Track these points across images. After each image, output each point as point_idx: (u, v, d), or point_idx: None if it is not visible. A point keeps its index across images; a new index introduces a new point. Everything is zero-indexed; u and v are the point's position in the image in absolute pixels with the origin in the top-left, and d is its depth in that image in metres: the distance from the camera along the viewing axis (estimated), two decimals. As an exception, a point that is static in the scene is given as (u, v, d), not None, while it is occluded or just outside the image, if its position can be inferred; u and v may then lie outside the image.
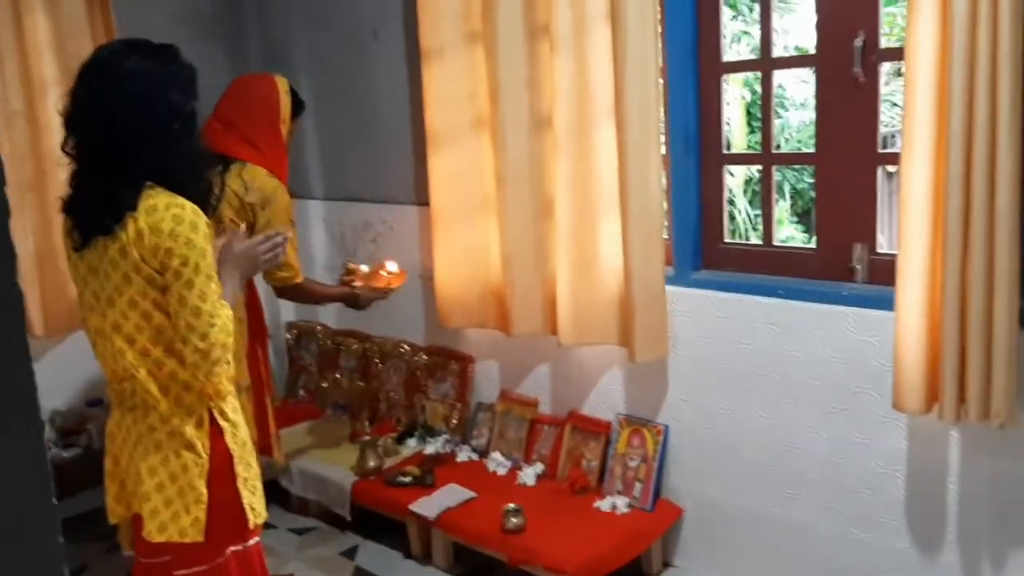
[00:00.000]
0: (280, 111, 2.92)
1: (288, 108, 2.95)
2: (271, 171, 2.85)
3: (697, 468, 3.02)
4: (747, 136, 7.27)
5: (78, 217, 2.03)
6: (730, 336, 2.85)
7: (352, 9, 3.85)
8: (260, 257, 2.37)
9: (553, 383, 3.42)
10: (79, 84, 1.99)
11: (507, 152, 3.09)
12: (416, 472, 3.36)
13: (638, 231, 2.81)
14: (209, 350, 1.97)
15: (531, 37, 3.01)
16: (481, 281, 3.37)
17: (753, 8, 6.77)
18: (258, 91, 2.92)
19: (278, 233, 2.41)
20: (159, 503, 2.07)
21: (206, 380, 2.02)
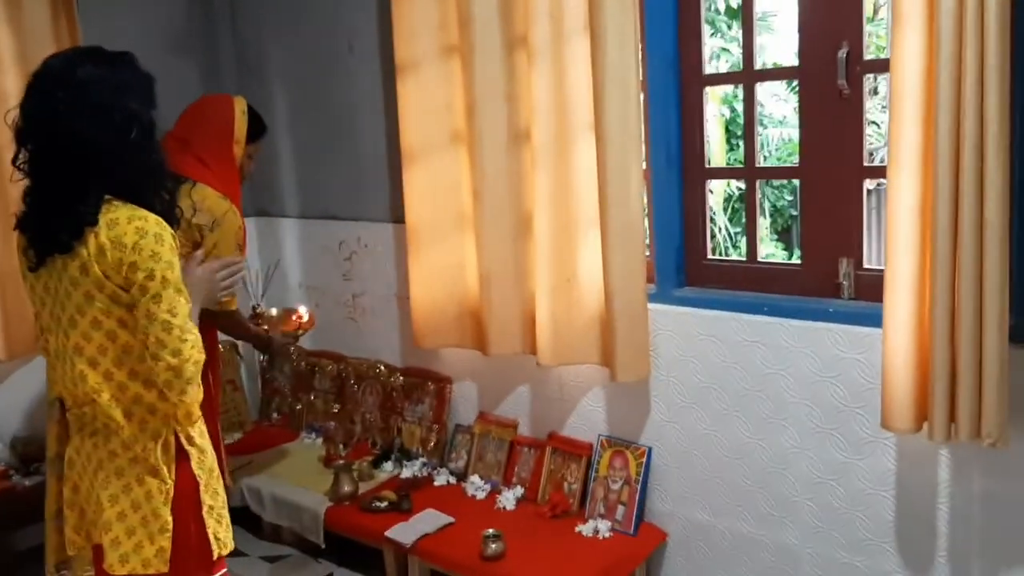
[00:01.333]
0: (235, 131, 2.86)
1: (243, 129, 2.89)
2: (223, 192, 2.77)
3: (681, 490, 2.95)
4: (726, 154, 7.26)
5: (33, 235, 1.93)
6: (714, 355, 2.79)
7: (327, 23, 3.78)
8: (220, 284, 2.30)
9: (533, 404, 3.35)
10: (29, 96, 1.90)
11: (484, 168, 3.02)
12: (392, 497, 3.26)
13: (619, 248, 2.75)
14: (182, 367, 1.88)
15: (508, 49, 2.95)
16: (458, 300, 3.29)
17: (732, 26, 6.77)
18: (213, 110, 2.87)
19: (236, 261, 2.34)
20: (121, 533, 1.97)
21: (179, 400, 1.93)
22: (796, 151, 7.19)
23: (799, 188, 2.80)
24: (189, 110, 2.89)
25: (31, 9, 3.38)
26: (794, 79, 2.96)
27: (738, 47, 6.94)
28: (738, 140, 7.51)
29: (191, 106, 2.92)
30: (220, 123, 2.84)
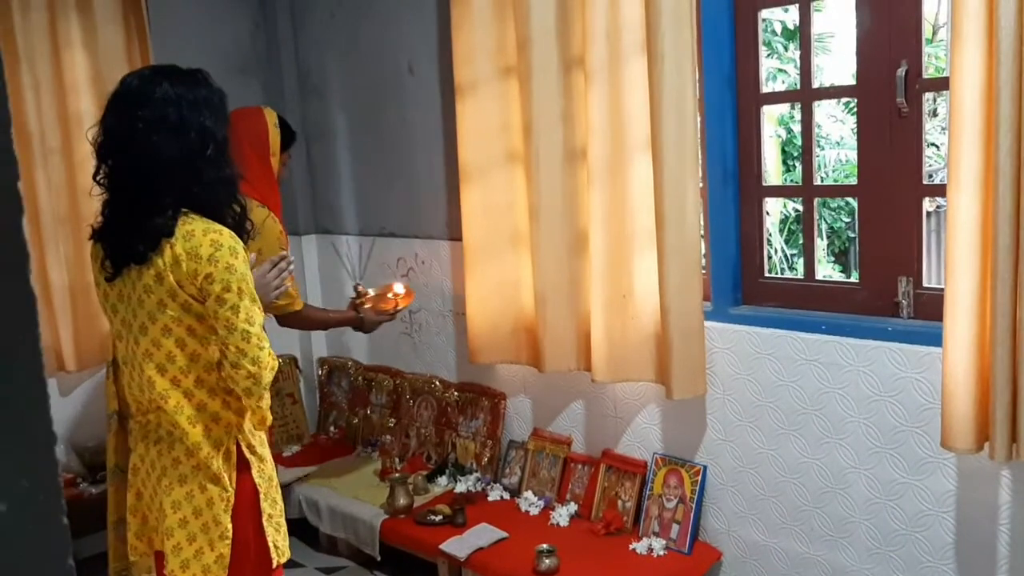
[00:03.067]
0: (269, 143, 2.94)
1: (277, 140, 2.97)
2: (261, 202, 2.85)
3: (737, 509, 2.93)
4: (782, 175, 7.21)
5: (111, 245, 2.01)
6: (771, 373, 2.78)
7: (387, 45, 3.87)
8: (271, 284, 2.35)
9: (587, 421, 3.36)
10: (109, 112, 1.99)
11: (540, 186, 3.06)
12: (447, 511, 3.29)
13: (675, 265, 2.76)
14: (261, 374, 1.94)
15: (565, 70, 2.99)
16: (513, 316, 3.32)
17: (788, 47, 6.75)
18: (247, 125, 2.94)
19: (282, 257, 2.39)
20: (182, 539, 2.02)
21: (256, 406, 1.99)
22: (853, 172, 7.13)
23: (857, 207, 2.78)
24: None
25: (105, 32, 3.52)
26: (852, 98, 2.94)
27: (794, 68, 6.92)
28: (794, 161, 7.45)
29: None
30: (255, 138, 2.92)
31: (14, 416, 0.63)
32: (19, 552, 0.64)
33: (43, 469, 0.64)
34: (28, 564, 0.65)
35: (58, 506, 0.65)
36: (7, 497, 0.62)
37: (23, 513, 0.63)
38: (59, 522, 0.65)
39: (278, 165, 2.99)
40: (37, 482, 0.64)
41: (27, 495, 0.63)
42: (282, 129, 3.01)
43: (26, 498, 0.62)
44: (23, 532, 0.64)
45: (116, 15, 3.52)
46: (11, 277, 0.59)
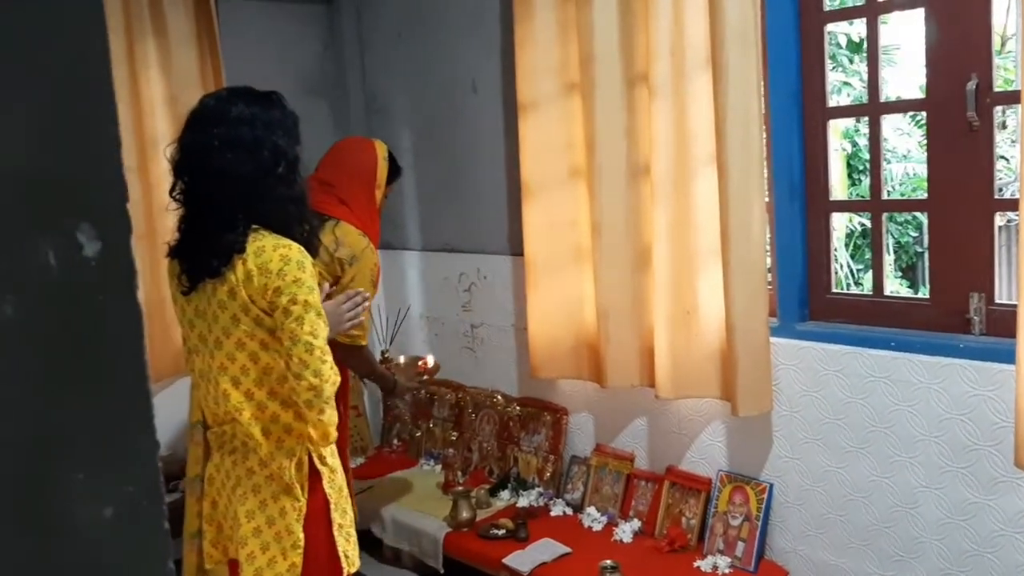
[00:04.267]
0: (377, 176, 2.98)
1: (385, 173, 3.00)
2: (362, 231, 2.89)
3: (803, 528, 2.89)
4: (848, 189, 7.11)
5: (186, 261, 2.08)
6: (839, 390, 2.74)
7: (452, 64, 3.92)
8: (345, 315, 2.38)
9: (650, 437, 3.34)
10: (187, 131, 2.06)
11: (603, 201, 3.07)
12: (510, 525, 3.30)
13: (741, 281, 2.74)
14: (322, 387, 1.97)
15: (629, 86, 3.01)
16: (575, 332, 3.33)
17: (853, 59, 6.66)
18: (358, 156, 2.99)
19: (359, 292, 2.43)
20: (256, 548, 2.07)
21: (317, 419, 2.01)
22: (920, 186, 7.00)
23: (927, 221, 2.74)
24: (332, 153, 3.02)
25: (179, 55, 3.62)
26: (920, 112, 2.90)
27: (860, 81, 6.83)
28: (860, 175, 7.34)
29: (334, 149, 3.05)
30: (363, 169, 2.95)
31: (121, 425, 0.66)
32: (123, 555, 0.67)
33: (147, 476, 0.68)
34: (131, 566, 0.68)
35: (160, 512, 0.68)
36: (113, 502, 0.65)
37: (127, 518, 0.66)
38: (161, 527, 0.68)
39: (381, 197, 3.03)
40: (141, 488, 0.67)
41: (132, 500, 0.66)
42: (390, 163, 3.05)
43: (131, 503, 0.66)
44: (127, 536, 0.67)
45: (190, 38, 3.63)
46: (122, 295, 0.63)
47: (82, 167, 0.62)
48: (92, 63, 0.62)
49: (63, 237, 0.61)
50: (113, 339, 0.64)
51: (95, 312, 0.63)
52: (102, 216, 0.62)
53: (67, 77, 0.61)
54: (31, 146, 0.60)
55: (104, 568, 0.66)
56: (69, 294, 0.62)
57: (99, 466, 0.64)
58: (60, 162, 0.61)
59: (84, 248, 0.61)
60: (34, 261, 0.60)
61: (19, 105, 0.59)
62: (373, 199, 2.97)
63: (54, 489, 0.63)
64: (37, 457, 0.63)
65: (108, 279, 0.63)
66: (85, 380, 0.63)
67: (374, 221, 2.98)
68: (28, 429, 0.62)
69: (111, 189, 0.62)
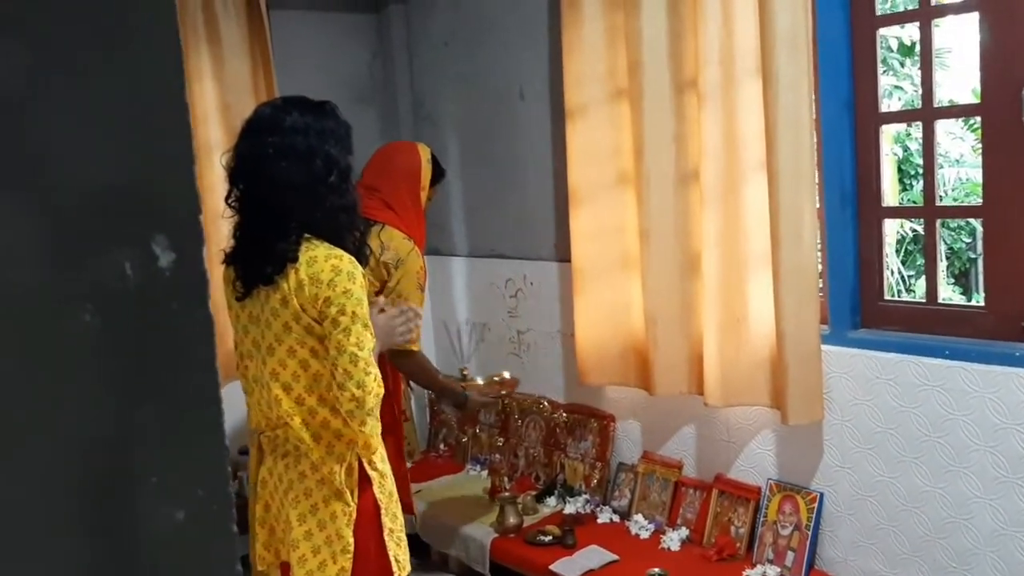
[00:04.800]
0: (421, 179, 3.00)
1: (429, 176, 3.02)
2: (408, 234, 2.91)
3: (855, 539, 2.85)
4: (899, 194, 7.00)
5: (241, 267, 2.11)
6: (891, 399, 2.70)
7: (499, 71, 3.94)
8: (397, 329, 2.40)
9: (698, 445, 3.32)
10: (242, 139, 2.09)
11: (651, 208, 3.06)
12: (557, 531, 3.30)
13: (791, 288, 2.72)
14: (365, 398, 1.99)
15: (678, 92, 3.00)
16: (623, 338, 3.32)
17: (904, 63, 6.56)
18: (402, 159, 3.01)
19: (411, 309, 2.44)
20: (307, 551, 2.09)
21: (359, 429, 2.04)
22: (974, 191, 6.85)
23: (982, 228, 2.69)
24: (377, 158, 3.05)
25: (233, 64, 3.69)
26: (975, 116, 2.86)
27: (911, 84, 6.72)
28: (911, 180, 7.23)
29: (378, 154, 3.08)
30: (408, 172, 2.98)
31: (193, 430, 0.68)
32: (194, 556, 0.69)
33: (216, 480, 0.69)
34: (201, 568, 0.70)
35: (228, 514, 0.70)
36: (184, 505, 0.67)
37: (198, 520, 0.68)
38: (229, 530, 0.70)
39: (426, 199, 3.05)
40: (211, 492, 0.69)
41: (202, 504, 0.68)
42: (433, 165, 3.07)
43: (202, 506, 0.68)
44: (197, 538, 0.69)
45: (243, 48, 3.69)
46: (194, 304, 0.65)
47: (158, 180, 0.64)
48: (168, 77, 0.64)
49: (139, 248, 0.63)
50: (186, 347, 0.66)
51: (169, 321, 0.65)
52: (176, 227, 0.64)
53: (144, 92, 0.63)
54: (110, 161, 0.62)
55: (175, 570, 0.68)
56: (144, 303, 0.63)
57: (172, 470, 0.66)
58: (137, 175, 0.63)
59: (159, 259, 0.63)
60: (112, 271, 0.62)
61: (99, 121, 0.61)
62: (418, 202, 2.99)
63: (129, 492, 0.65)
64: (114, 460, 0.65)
65: (181, 288, 0.65)
66: (159, 386, 0.65)
67: (420, 224, 3.00)
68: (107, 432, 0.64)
69: (185, 201, 0.64)
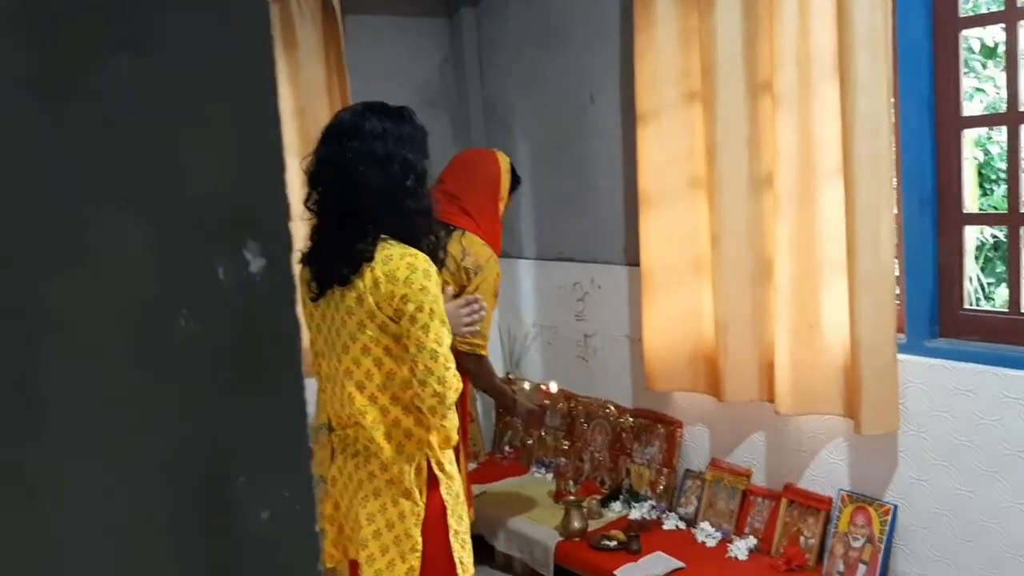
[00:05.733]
0: (500, 188, 3.04)
1: (507, 185, 3.07)
2: (487, 241, 2.95)
3: (930, 553, 2.78)
4: (979, 199, 6.80)
5: (317, 268, 2.15)
6: (971, 411, 2.63)
7: (570, 75, 3.93)
8: (462, 319, 2.42)
9: (768, 453, 3.27)
10: (322, 144, 2.13)
11: (723, 212, 3.03)
12: (622, 537, 3.29)
13: (867, 296, 2.66)
14: (446, 393, 2.02)
15: (752, 95, 2.96)
16: (692, 344, 3.29)
17: (986, 64, 6.37)
18: (482, 168, 3.05)
19: (476, 299, 2.46)
20: (375, 550, 2.12)
21: (440, 424, 2.08)
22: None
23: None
24: (456, 165, 3.10)
25: (308, 68, 3.75)
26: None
27: (993, 87, 6.51)
28: (991, 185, 7.01)
29: (458, 160, 3.13)
30: (488, 181, 3.03)
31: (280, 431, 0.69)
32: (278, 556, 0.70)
33: (300, 480, 0.71)
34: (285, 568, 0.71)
35: (312, 515, 0.71)
36: (270, 505, 0.68)
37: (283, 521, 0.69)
38: (312, 530, 0.71)
39: (503, 208, 3.09)
40: (295, 492, 0.70)
41: (287, 504, 0.69)
42: (511, 174, 3.11)
43: (286, 507, 0.69)
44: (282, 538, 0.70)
45: (318, 52, 3.75)
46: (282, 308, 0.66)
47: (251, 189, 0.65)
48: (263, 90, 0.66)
49: (232, 254, 0.64)
50: (274, 350, 0.67)
51: (259, 325, 0.66)
52: (267, 234, 0.65)
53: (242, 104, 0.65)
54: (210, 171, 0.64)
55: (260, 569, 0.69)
56: (236, 308, 0.65)
57: (260, 470, 0.67)
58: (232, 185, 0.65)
59: (250, 264, 0.65)
60: (206, 277, 0.64)
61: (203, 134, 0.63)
62: (497, 210, 3.03)
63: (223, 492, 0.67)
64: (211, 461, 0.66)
65: (271, 294, 0.66)
66: (249, 388, 0.66)
67: (497, 232, 3.03)
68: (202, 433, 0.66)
69: (276, 208, 0.65)
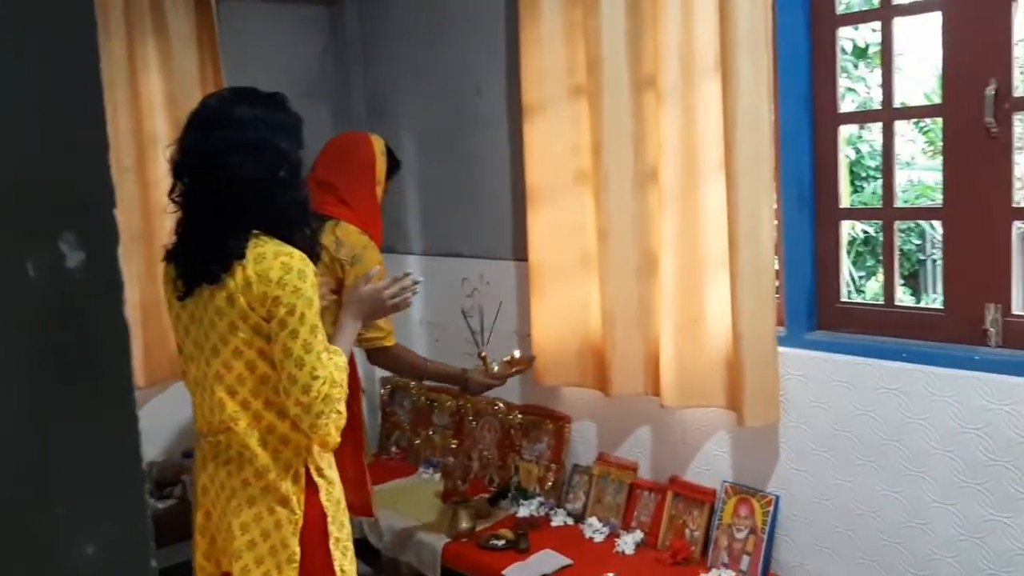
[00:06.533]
0: (377, 172, 2.91)
1: (384, 168, 2.93)
2: (363, 230, 2.83)
3: (811, 543, 2.83)
4: (850, 196, 7.05)
5: (184, 265, 2.02)
6: (849, 402, 2.68)
7: (456, 67, 3.87)
8: (387, 301, 2.32)
9: (653, 447, 3.29)
10: (188, 131, 2.00)
11: (609, 207, 3.01)
12: (510, 535, 3.24)
13: (748, 289, 2.69)
14: (311, 404, 1.92)
15: (637, 90, 2.95)
16: (580, 338, 3.27)
17: (858, 65, 6.61)
18: (355, 152, 2.91)
19: (408, 275, 2.36)
20: (250, 561, 2.02)
21: (310, 432, 1.97)
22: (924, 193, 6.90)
23: (942, 229, 2.68)
24: (329, 150, 2.94)
25: (180, 56, 3.58)
26: (935, 117, 2.85)
27: (864, 87, 6.77)
28: (862, 182, 7.29)
29: (330, 145, 2.97)
30: (362, 165, 2.88)
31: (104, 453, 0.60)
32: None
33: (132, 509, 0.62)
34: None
35: (146, 548, 0.62)
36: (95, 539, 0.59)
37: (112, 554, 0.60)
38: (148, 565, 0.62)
39: (382, 192, 2.96)
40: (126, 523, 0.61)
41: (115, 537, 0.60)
42: (388, 157, 2.98)
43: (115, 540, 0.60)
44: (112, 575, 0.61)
45: (190, 39, 3.59)
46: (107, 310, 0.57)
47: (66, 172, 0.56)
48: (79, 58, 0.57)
49: (44, 247, 0.55)
50: (98, 357, 0.58)
51: (78, 328, 0.57)
52: (87, 224, 0.56)
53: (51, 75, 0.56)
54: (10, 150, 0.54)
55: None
56: (49, 309, 0.56)
57: (81, 498, 0.58)
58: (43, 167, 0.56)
59: (66, 259, 0.56)
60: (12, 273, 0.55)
61: None
62: (374, 196, 2.91)
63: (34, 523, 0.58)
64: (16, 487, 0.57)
65: (92, 292, 0.57)
66: (66, 404, 0.57)
67: (376, 219, 2.91)
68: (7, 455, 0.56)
69: (97, 195, 0.57)
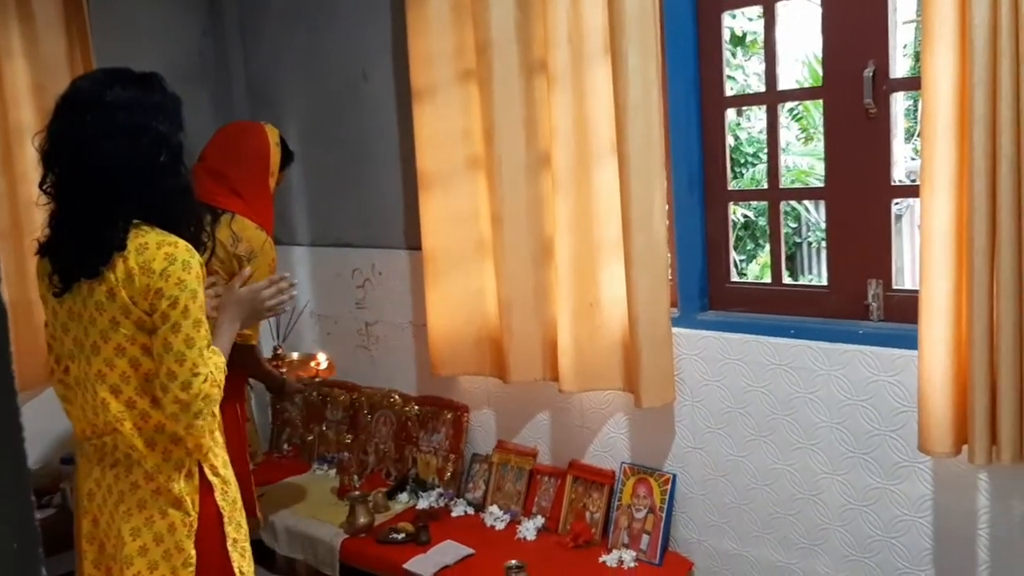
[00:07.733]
0: (270, 163, 2.82)
1: (278, 159, 2.85)
2: (258, 224, 2.74)
3: (708, 518, 2.89)
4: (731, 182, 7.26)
5: (59, 260, 1.89)
6: (741, 379, 2.75)
7: (341, 52, 3.78)
8: (265, 303, 2.24)
9: (553, 432, 3.29)
10: (57, 117, 1.87)
11: (503, 193, 2.99)
12: (409, 528, 3.20)
13: (642, 272, 2.71)
14: (190, 402, 1.83)
15: (527, 74, 2.94)
16: (476, 327, 3.25)
17: (736, 54, 6.80)
18: (248, 141, 2.81)
19: (284, 277, 2.29)
20: (143, 567, 1.92)
21: (186, 433, 1.88)
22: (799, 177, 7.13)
23: (825, 209, 2.77)
24: (221, 140, 2.84)
25: (47, 42, 3.38)
26: (816, 99, 2.94)
27: (743, 74, 6.97)
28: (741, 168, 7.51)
29: (222, 134, 2.86)
30: (255, 156, 2.79)
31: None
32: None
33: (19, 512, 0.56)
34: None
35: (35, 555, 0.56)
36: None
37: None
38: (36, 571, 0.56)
39: (274, 185, 2.87)
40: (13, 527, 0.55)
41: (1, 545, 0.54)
42: (282, 148, 2.89)
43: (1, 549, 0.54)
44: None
45: (58, 24, 3.38)
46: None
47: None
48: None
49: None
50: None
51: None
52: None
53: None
54: None
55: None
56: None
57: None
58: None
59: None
60: None
61: None
62: (268, 188, 2.82)
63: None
64: None
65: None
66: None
67: (269, 212, 2.83)
68: None
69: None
